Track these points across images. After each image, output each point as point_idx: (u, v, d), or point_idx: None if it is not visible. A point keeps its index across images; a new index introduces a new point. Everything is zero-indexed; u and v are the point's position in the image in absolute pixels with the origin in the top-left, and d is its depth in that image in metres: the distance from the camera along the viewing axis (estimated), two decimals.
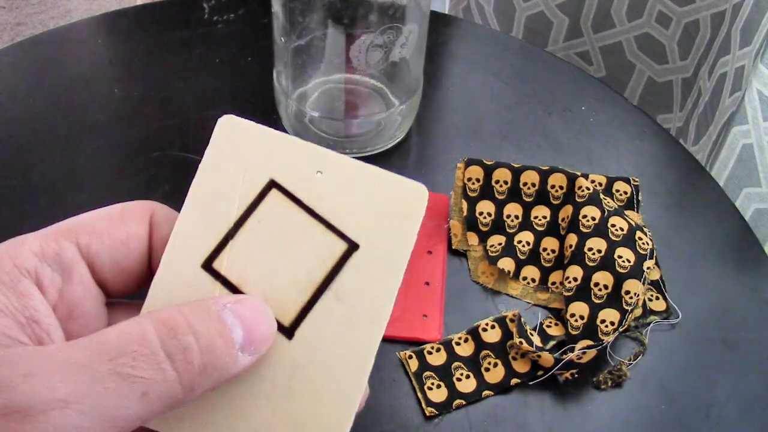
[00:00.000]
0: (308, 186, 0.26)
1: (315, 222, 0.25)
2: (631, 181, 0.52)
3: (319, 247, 0.25)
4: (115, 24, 0.65)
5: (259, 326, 0.23)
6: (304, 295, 0.25)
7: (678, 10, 0.73)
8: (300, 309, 0.25)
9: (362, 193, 0.26)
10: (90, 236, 0.24)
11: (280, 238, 0.25)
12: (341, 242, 0.25)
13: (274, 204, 0.25)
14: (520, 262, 0.49)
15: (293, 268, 0.25)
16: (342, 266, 0.25)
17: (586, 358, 0.43)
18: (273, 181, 0.26)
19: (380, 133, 0.55)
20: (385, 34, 0.49)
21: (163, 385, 0.21)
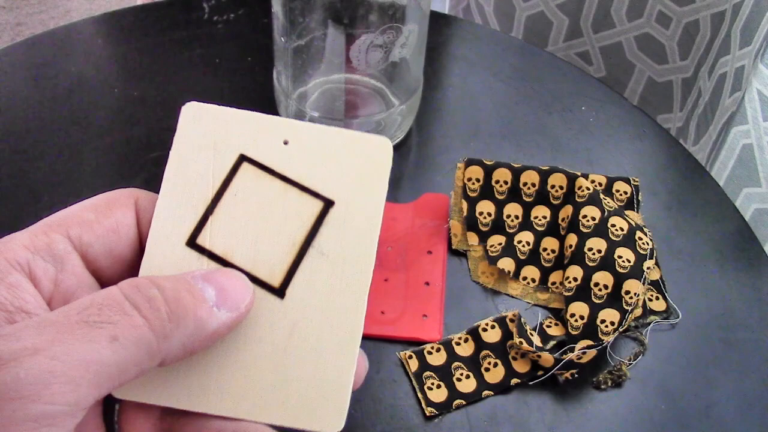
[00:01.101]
0: (277, 155, 0.27)
1: (289, 187, 0.26)
2: (631, 181, 0.52)
3: (296, 208, 0.26)
4: (115, 24, 0.65)
5: (232, 285, 0.24)
6: (289, 255, 0.26)
7: (678, 10, 0.73)
8: (287, 269, 0.25)
9: (330, 154, 0.27)
10: (80, 227, 0.25)
11: (258, 206, 0.26)
12: (317, 201, 0.26)
13: (248, 176, 0.26)
14: (520, 262, 0.49)
15: (275, 231, 0.26)
16: (321, 223, 0.26)
17: (586, 358, 0.43)
18: (243, 155, 0.27)
19: (380, 133, 0.55)
20: (385, 34, 0.49)
21: (132, 329, 0.21)
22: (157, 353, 0.22)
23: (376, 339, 0.45)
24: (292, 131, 0.27)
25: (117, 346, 0.21)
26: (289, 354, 0.25)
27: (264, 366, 0.25)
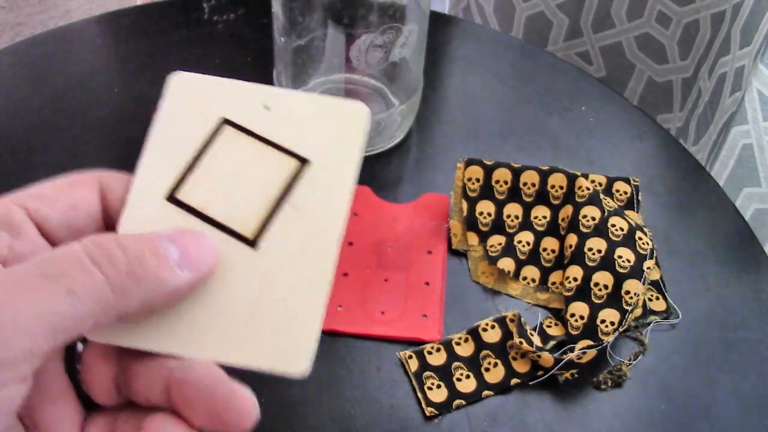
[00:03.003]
0: (257, 118, 0.28)
1: (267, 147, 0.28)
2: (631, 181, 0.52)
3: (273, 166, 0.27)
4: (115, 24, 0.65)
5: (196, 246, 0.25)
6: (263, 209, 0.27)
7: (678, 10, 0.73)
8: (261, 222, 0.27)
9: (308, 118, 0.28)
10: (38, 201, 0.26)
11: (237, 164, 0.28)
12: (293, 160, 0.27)
13: (228, 138, 0.28)
14: (520, 262, 0.49)
15: (251, 187, 0.27)
16: (296, 180, 0.27)
17: (586, 358, 0.43)
18: (225, 119, 0.28)
19: (380, 133, 0.55)
20: (385, 34, 0.49)
21: (90, 285, 0.22)
22: (114, 309, 0.23)
23: (376, 339, 0.45)
24: (272, 97, 0.28)
25: (74, 300, 0.22)
26: (260, 301, 0.26)
27: (235, 312, 0.26)
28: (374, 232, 0.50)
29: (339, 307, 0.46)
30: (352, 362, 0.44)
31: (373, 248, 0.49)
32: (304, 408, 0.42)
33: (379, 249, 0.49)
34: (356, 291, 0.47)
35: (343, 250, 0.49)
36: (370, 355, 0.45)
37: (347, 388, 0.43)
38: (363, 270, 0.48)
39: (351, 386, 0.43)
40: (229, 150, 0.28)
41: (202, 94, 0.29)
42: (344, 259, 0.48)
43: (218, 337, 0.25)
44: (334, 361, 0.44)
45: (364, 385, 0.43)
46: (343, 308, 0.46)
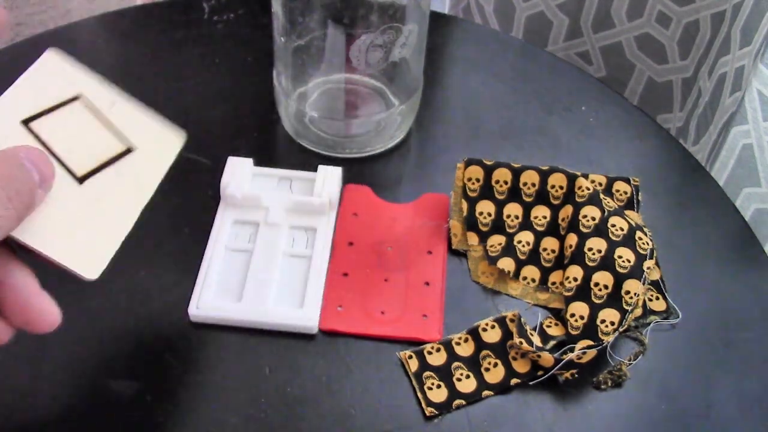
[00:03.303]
0: (104, 107, 0.37)
1: (105, 128, 0.36)
2: (631, 181, 0.52)
3: (105, 142, 0.36)
4: (115, 24, 0.65)
5: (47, 170, 0.32)
6: (92, 164, 0.35)
7: (678, 10, 0.73)
8: (89, 171, 0.35)
9: (140, 121, 0.37)
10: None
11: (80, 128, 0.36)
12: (121, 145, 0.36)
13: (78, 109, 0.36)
14: (520, 262, 0.49)
15: (86, 147, 0.35)
16: (121, 157, 0.36)
17: (586, 358, 0.43)
18: (82, 95, 0.36)
19: (380, 133, 0.55)
20: (385, 34, 0.49)
21: (6, 220, 0.29)
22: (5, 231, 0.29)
23: (376, 339, 0.45)
24: (119, 99, 0.38)
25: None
26: (78, 219, 0.34)
27: (60, 220, 0.33)
28: (374, 232, 0.50)
29: (339, 307, 0.46)
30: (352, 362, 0.44)
31: (373, 248, 0.49)
32: (304, 408, 0.42)
33: (379, 249, 0.49)
34: (356, 291, 0.47)
35: (343, 250, 0.49)
36: (370, 355, 0.45)
37: (347, 388, 0.43)
38: (363, 270, 0.48)
39: (351, 386, 0.43)
40: (77, 117, 0.36)
41: (68, 70, 0.36)
42: (344, 259, 0.48)
43: (45, 234, 0.32)
44: (334, 361, 0.44)
45: (364, 385, 0.43)
46: (343, 308, 0.46)
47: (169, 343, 0.44)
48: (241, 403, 0.42)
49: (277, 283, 0.47)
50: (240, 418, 0.42)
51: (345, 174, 0.52)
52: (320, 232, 0.49)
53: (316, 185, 0.50)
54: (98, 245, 0.34)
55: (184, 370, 0.43)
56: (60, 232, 0.33)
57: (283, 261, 0.48)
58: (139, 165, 0.36)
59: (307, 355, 0.44)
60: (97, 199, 0.34)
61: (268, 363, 0.44)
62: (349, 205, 0.52)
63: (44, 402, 0.42)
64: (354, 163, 0.54)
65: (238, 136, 0.56)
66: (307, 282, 0.46)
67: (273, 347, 0.45)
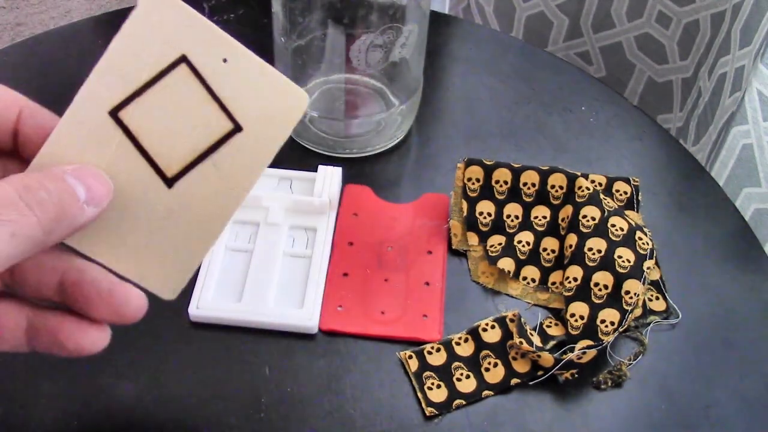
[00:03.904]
0: (213, 68, 0.29)
1: (211, 100, 0.29)
2: (631, 181, 0.52)
3: (210, 121, 0.29)
4: (115, 24, 0.65)
5: (97, 185, 0.29)
6: (187, 158, 0.29)
7: (678, 10, 0.73)
8: (182, 167, 0.29)
9: (256, 86, 0.30)
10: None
11: (180, 106, 0.29)
12: (229, 122, 0.29)
13: (181, 76, 0.29)
14: (520, 262, 0.49)
15: (185, 132, 0.29)
16: (224, 142, 0.30)
17: (586, 358, 0.43)
18: (184, 56, 0.29)
19: (380, 133, 0.55)
20: (385, 34, 0.49)
21: (27, 227, 0.26)
22: (41, 245, 0.27)
23: (376, 339, 0.45)
24: (234, 53, 0.30)
25: (15, 240, 0.25)
26: (158, 232, 0.30)
27: (136, 232, 0.29)
28: (374, 232, 0.50)
29: (339, 307, 0.46)
30: (352, 362, 0.44)
31: (373, 248, 0.49)
32: (304, 408, 0.42)
33: (379, 249, 0.49)
34: (356, 291, 0.47)
35: (343, 250, 0.49)
36: (370, 355, 0.45)
37: (347, 388, 0.43)
38: (363, 270, 0.48)
39: (351, 386, 0.43)
40: (178, 89, 0.29)
41: (172, 20, 0.29)
42: (344, 259, 0.48)
43: (115, 248, 0.29)
44: (334, 361, 0.44)
45: (364, 385, 0.43)
46: (343, 308, 0.46)
47: (169, 343, 0.44)
48: (241, 403, 0.42)
49: (277, 283, 0.47)
50: (240, 418, 0.42)
51: (345, 174, 0.52)
52: (320, 232, 0.49)
53: (316, 185, 0.50)
54: (179, 261, 0.30)
55: (184, 370, 0.43)
56: (136, 247, 0.29)
57: (283, 261, 0.48)
58: (244, 151, 0.30)
59: (307, 355, 0.44)
60: (185, 205, 0.30)
61: (268, 363, 0.44)
62: (349, 205, 0.52)
63: (44, 402, 0.42)
64: (354, 163, 0.54)
65: None
66: (307, 282, 0.46)
67: (273, 347, 0.45)
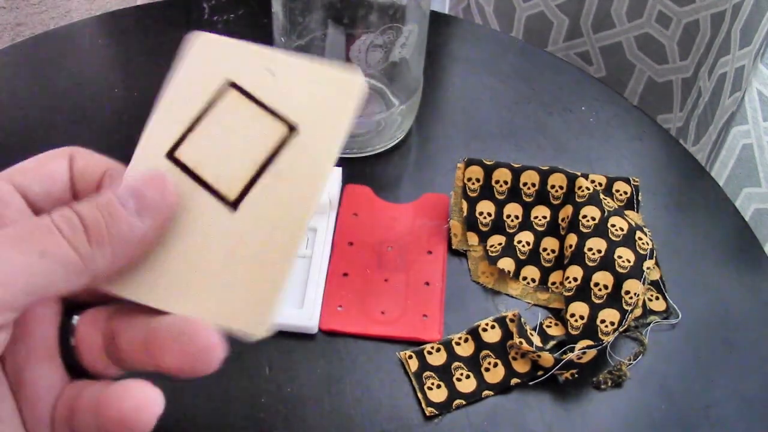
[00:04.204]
0: (259, 82, 0.29)
1: (263, 111, 0.29)
2: (631, 181, 0.52)
3: (263, 131, 0.28)
4: (115, 24, 0.65)
5: (152, 190, 0.27)
6: (248, 174, 0.28)
7: (678, 10, 0.73)
8: (244, 186, 0.28)
9: (305, 84, 0.29)
10: (22, 174, 0.29)
11: (233, 128, 0.29)
12: (282, 126, 0.28)
13: (231, 101, 0.29)
14: (520, 262, 0.49)
15: (241, 151, 0.28)
16: (282, 147, 0.28)
17: (586, 358, 0.43)
18: (231, 81, 0.29)
19: (380, 133, 0.55)
20: (385, 34, 0.49)
21: (57, 248, 0.25)
22: (83, 272, 0.25)
23: (376, 339, 0.45)
24: (277, 61, 0.29)
25: (45, 260, 0.24)
26: (232, 262, 0.27)
27: (209, 270, 0.27)
28: (374, 232, 0.50)
29: (339, 307, 0.46)
30: (352, 362, 0.44)
31: (373, 248, 0.49)
32: (304, 408, 0.42)
33: (379, 249, 0.49)
34: (356, 291, 0.47)
35: (343, 250, 0.49)
36: (370, 355, 0.45)
37: (347, 388, 0.43)
38: (363, 270, 0.48)
39: (351, 386, 0.43)
40: (229, 113, 0.29)
41: (216, 55, 0.30)
42: (344, 259, 0.48)
43: (189, 294, 0.27)
44: (334, 361, 0.44)
45: (364, 385, 0.43)
46: (343, 308, 0.46)
47: None
48: (241, 403, 0.42)
49: None
50: (240, 418, 0.42)
51: (345, 174, 0.52)
52: (320, 232, 0.49)
53: None
54: (262, 288, 0.27)
55: None
56: (212, 285, 0.27)
57: None
58: (305, 152, 0.28)
59: (307, 355, 0.44)
60: (254, 225, 0.27)
61: (268, 363, 0.44)
62: (349, 205, 0.52)
63: None
64: (354, 163, 0.54)
65: None
66: (307, 282, 0.46)
67: (273, 347, 0.45)
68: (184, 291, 0.27)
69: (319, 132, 0.28)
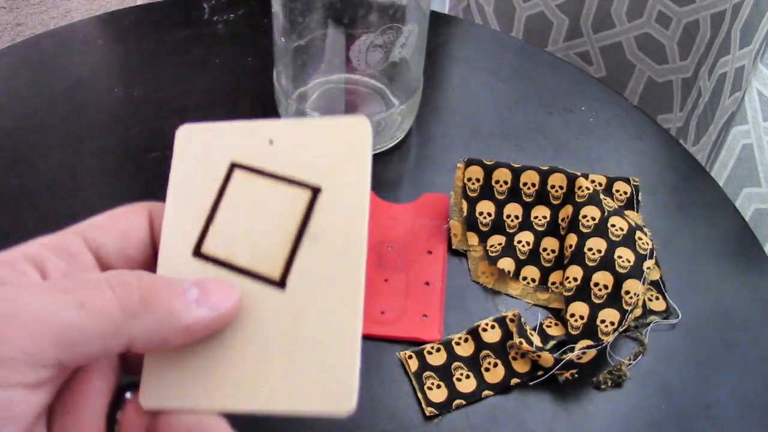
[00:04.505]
0: (264, 155, 0.28)
1: (278, 182, 0.27)
2: (631, 181, 0.52)
3: (286, 201, 0.27)
4: (115, 24, 0.65)
5: (217, 288, 0.25)
6: (285, 247, 0.26)
7: (678, 10, 0.73)
8: (285, 260, 0.26)
9: (311, 143, 0.28)
10: (94, 230, 0.27)
11: (252, 207, 0.27)
12: (305, 190, 0.27)
13: (240, 181, 0.28)
14: (520, 262, 0.49)
15: (270, 227, 0.27)
16: (311, 211, 0.27)
17: (586, 358, 0.43)
18: (234, 163, 0.28)
19: (380, 133, 0.55)
20: (385, 34, 0.49)
21: (99, 300, 0.23)
22: (122, 331, 0.23)
23: (376, 339, 0.45)
24: (274, 130, 0.28)
25: (82, 311, 0.22)
26: (296, 342, 0.25)
27: (274, 357, 0.25)
28: (374, 232, 0.50)
29: None
30: None
31: (373, 248, 0.49)
32: None
33: (379, 249, 0.49)
34: None
35: None
36: (370, 355, 0.44)
37: None
38: None
39: None
40: (243, 193, 0.28)
41: (208, 142, 0.29)
42: None
43: (264, 387, 0.25)
44: None
45: (364, 385, 0.43)
46: None
47: None
48: None
49: None
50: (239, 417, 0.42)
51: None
52: None
53: None
54: (335, 361, 0.25)
55: None
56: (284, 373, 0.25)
57: None
58: (336, 208, 0.27)
59: None
60: (308, 296, 0.26)
61: None
62: None
63: None
64: None
65: None
66: None
67: None
68: (251, 387, 0.25)
69: (344, 185, 0.27)
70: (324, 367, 0.25)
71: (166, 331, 0.24)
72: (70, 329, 0.22)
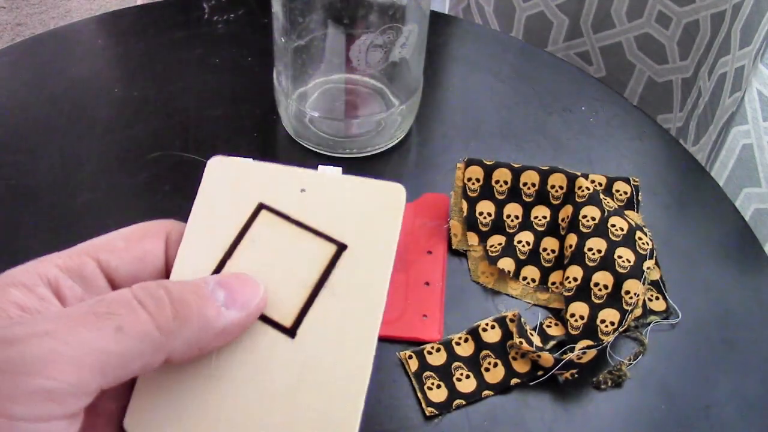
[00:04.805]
0: (294, 202, 0.28)
1: (304, 232, 0.27)
2: (631, 181, 0.52)
3: (310, 252, 0.27)
4: (115, 24, 0.65)
5: (242, 286, 0.26)
6: (301, 297, 0.26)
7: (678, 10, 0.73)
8: (299, 310, 0.26)
9: (344, 200, 0.28)
10: (109, 254, 0.26)
11: (274, 251, 0.27)
12: (330, 245, 0.27)
13: (265, 223, 0.28)
14: (520, 262, 0.49)
15: (289, 274, 0.27)
16: (333, 266, 0.27)
17: (586, 358, 0.43)
18: (261, 203, 0.28)
19: (380, 133, 0.55)
20: (385, 34, 0.49)
21: (136, 323, 0.23)
22: (161, 349, 0.23)
23: None
24: (309, 180, 0.28)
25: (121, 336, 0.22)
26: (299, 394, 0.25)
27: (273, 405, 0.25)
28: None
29: None
30: None
31: None
32: None
33: None
34: None
35: None
36: None
37: None
38: None
39: None
40: (267, 235, 0.27)
41: (239, 177, 0.29)
42: None
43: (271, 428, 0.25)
44: None
45: None
46: None
47: None
48: None
49: None
50: None
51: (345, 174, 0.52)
52: None
53: None
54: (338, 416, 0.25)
55: None
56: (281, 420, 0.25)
57: None
58: (359, 267, 0.27)
59: None
60: (317, 348, 0.26)
61: None
62: None
63: None
64: (354, 163, 0.54)
65: (238, 136, 0.56)
66: None
67: None
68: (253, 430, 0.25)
69: (370, 247, 0.27)
70: (325, 421, 0.25)
71: (203, 340, 0.24)
72: (111, 356, 0.22)
